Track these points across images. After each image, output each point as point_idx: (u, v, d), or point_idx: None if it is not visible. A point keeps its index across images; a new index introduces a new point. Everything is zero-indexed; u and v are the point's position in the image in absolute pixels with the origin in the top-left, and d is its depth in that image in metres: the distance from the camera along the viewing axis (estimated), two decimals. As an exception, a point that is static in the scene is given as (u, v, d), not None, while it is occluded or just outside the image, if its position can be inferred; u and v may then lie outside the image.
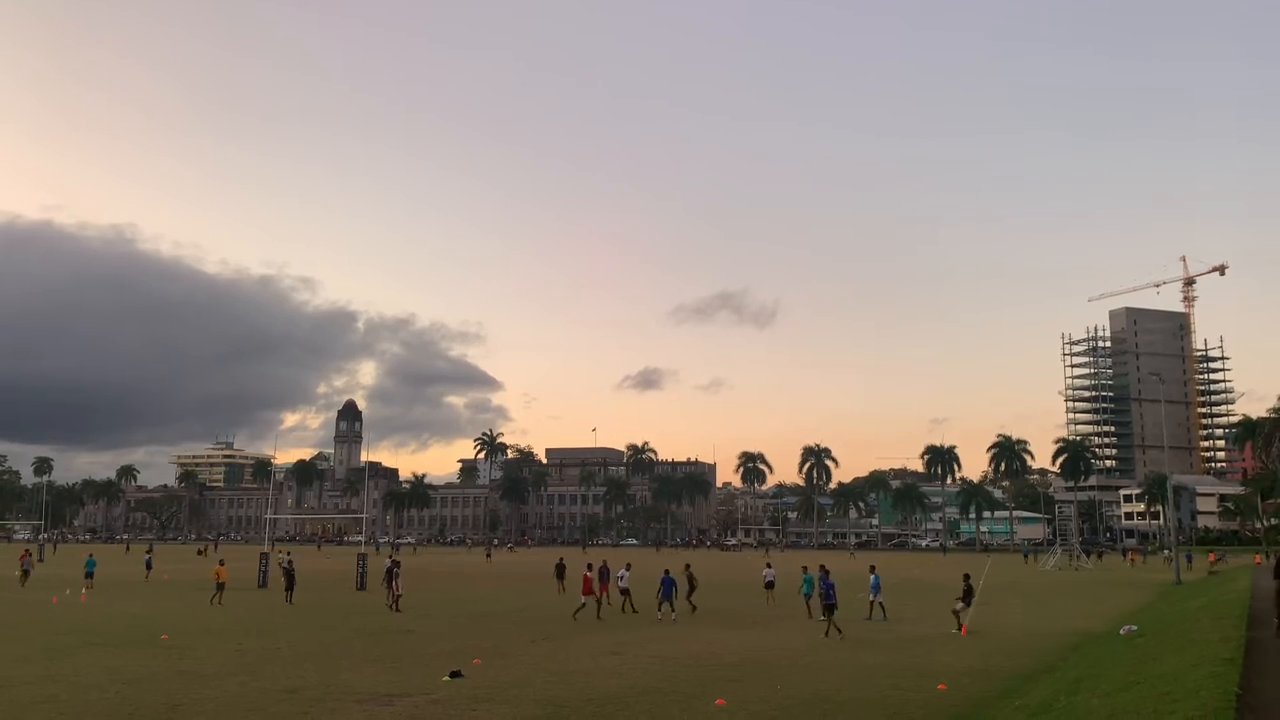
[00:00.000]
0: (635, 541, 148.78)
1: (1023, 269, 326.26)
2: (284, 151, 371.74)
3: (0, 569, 59.10)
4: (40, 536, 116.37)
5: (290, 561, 42.09)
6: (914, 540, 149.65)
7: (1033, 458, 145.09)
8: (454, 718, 14.54)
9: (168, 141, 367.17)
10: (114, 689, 17.04)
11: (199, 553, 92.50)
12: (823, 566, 29.05)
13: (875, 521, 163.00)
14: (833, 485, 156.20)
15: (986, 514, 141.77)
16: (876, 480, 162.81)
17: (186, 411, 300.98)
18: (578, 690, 16.97)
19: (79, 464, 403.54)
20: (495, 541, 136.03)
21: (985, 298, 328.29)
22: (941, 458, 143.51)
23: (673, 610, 29.85)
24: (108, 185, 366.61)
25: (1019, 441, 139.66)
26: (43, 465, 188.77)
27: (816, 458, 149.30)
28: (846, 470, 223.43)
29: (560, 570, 42.09)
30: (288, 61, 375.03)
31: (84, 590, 41.88)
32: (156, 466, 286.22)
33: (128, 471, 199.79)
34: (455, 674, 18.25)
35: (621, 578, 33.28)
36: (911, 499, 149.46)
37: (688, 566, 35.17)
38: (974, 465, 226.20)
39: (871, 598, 31.31)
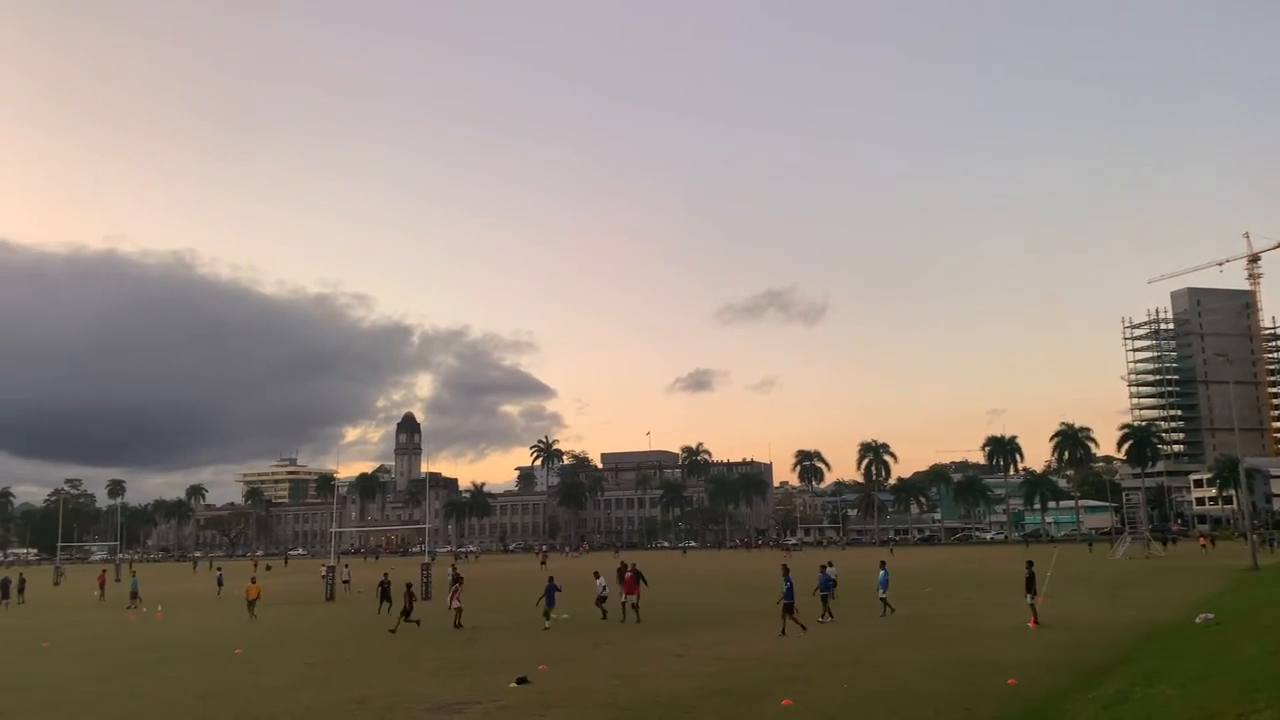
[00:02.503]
0: (695, 544, 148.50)
1: (1078, 253, 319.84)
2: (334, 171, 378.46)
3: (81, 589, 61.04)
4: (117, 557, 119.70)
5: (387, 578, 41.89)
6: (978, 533, 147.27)
7: (1097, 445, 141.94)
8: (522, 723, 14.67)
9: (221, 168, 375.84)
10: (191, 703, 17.50)
11: (267, 568, 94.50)
12: (784, 566, 28.40)
13: (937, 516, 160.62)
14: (892, 481, 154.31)
15: (1051, 504, 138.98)
16: (937, 474, 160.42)
17: (250, 430, 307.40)
18: (643, 693, 17.01)
19: (150, 485, 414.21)
20: (545, 547, 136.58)
21: (1040, 284, 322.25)
22: (1003, 448, 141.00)
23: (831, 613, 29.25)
24: (166, 213, 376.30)
25: (1082, 429, 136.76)
26: (116, 488, 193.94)
27: (874, 453, 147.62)
28: (906, 465, 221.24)
29: (621, 574, 42.12)
30: (333, 83, 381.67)
31: (129, 608, 43.11)
32: (223, 485, 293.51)
33: (196, 491, 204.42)
34: (521, 680, 18.40)
35: (602, 586, 33.30)
36: (974, 491, 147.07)
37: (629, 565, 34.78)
38: (1036, 455, 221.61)
39: (880, 593, 30.91)
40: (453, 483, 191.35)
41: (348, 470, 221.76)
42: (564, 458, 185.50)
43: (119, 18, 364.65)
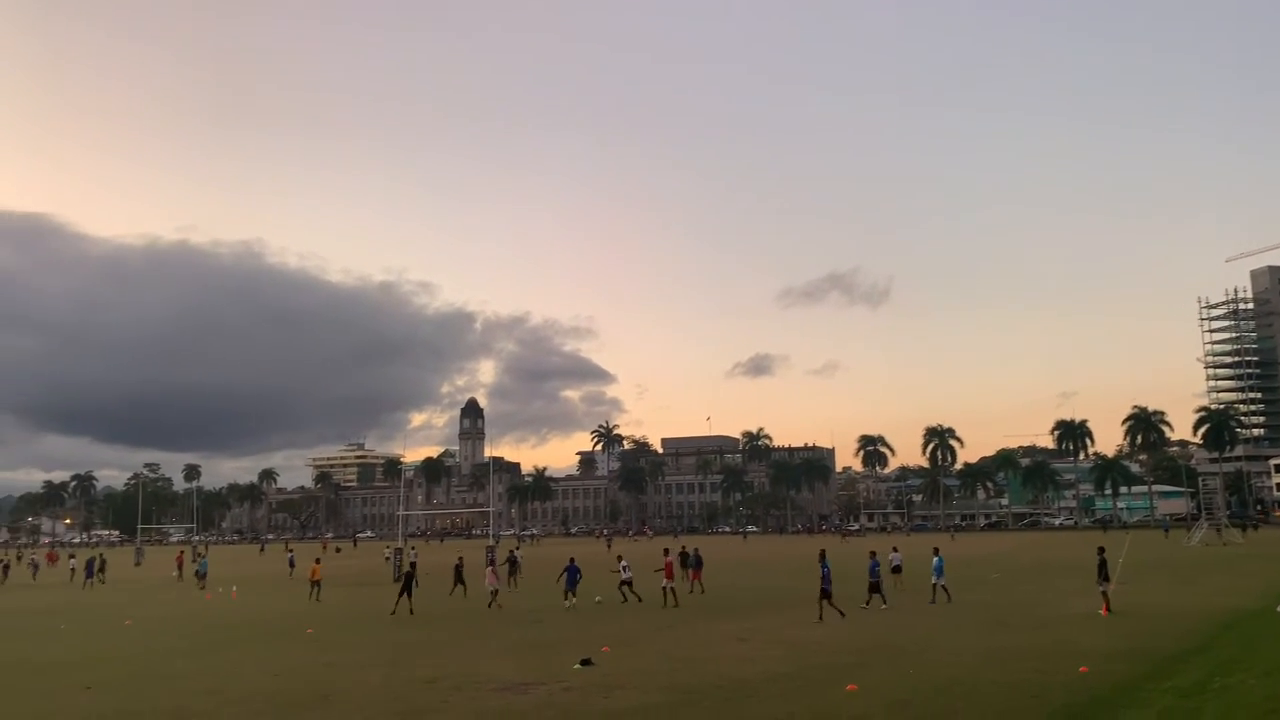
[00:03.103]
0: (756, 529, 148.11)
1: (1151, 232, 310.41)
2: (396, 162, 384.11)
3: (160, 569, 63.17)
4: (193, 539, 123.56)
5: (414, 558, 43.18)
6: (1046, 519, 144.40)
7: (1171, 429, 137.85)
8: (587, 704, 14.82)
9: (287, 160, 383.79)
10: (267, 680, 18.02)
11: (337, 550, 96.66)
12: (821, 552, 28.00)
13: (1005, 501, 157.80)
14: (958, 466, 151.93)
15: (1123, 489, 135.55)
16: (1004, 459, 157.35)
17: (319, 415, 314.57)
18: (707, 677, 17.05)
19: (224, 469, 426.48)
20: (609, 531, 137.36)
21: (1112, 264, 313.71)
22: (1072, 432, 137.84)
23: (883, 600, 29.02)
24: (236, 204, 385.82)
25: (1155, 412, 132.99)
26: (192, 472, 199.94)
27: (940, 438, 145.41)
28: (972, 450, 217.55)
29: (684, 558, 42.24)
30: (396, 80, 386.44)
31: (201, 588, 44.56)
32: (294, 469, 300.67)
33: (268, 475, 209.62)
34: (586, 662, 18.58)
35: (625, 569, 33.57)
36: (1042, 476, 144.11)
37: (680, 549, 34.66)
38: (1107, 439, 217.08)
39: (934, 580, 30.41)
40: (515, 467, 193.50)
41: (414, 455, 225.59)
42: (624, 442, 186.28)
43: (185, 17, 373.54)
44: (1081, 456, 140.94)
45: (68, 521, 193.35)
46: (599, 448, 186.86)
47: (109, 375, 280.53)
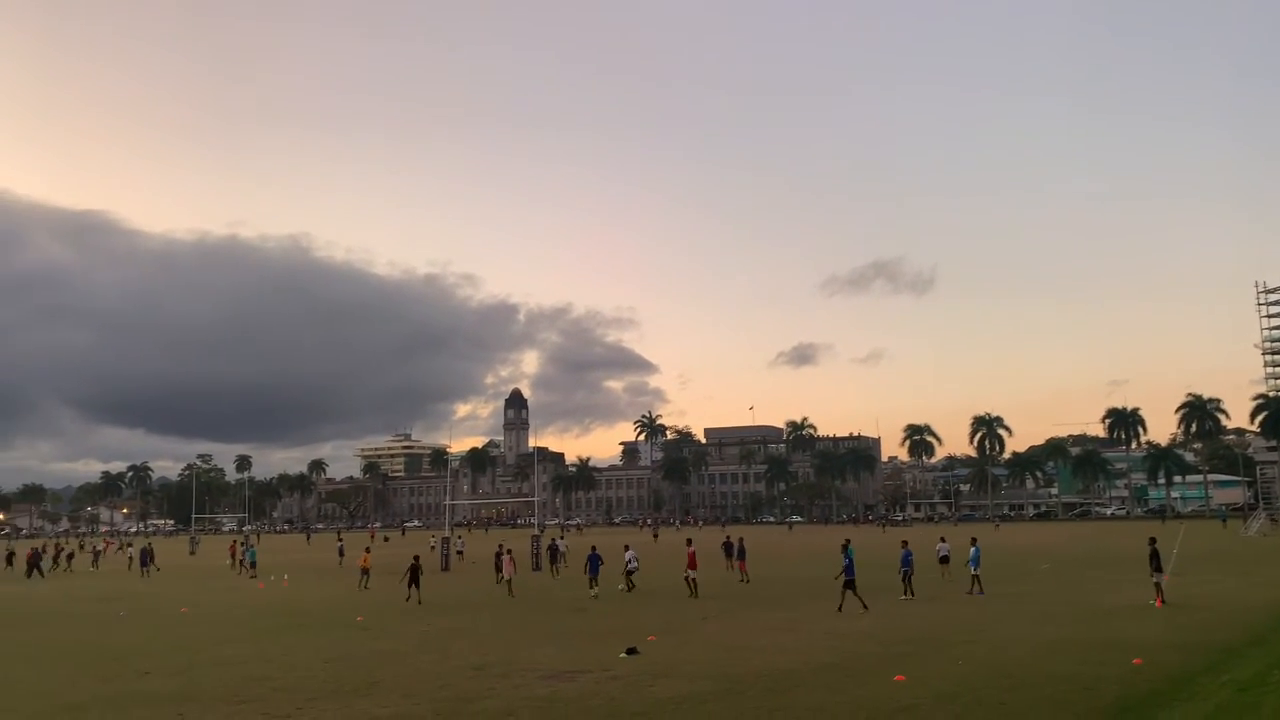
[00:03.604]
0: (800, 519, 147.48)
1: (1205, 215, 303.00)
2: (441, 154, 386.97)
3: (214, 558, 64.50)
4: (245, 528, 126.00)
5: (461, 543, 43.66)
6: (1097, 509, 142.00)
7: (1227, 417, 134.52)
8: (633, 693, 14.89)
9: (332, 155, 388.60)
10: (318, 666, 18.35)
11: (385, 539, 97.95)
12: (846, 541, 28.02)
13: (1054, 491, 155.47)
14: (1007, 455, 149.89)
15: (1177, 478, 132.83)
16: (1054, 447, 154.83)
17: (367, 407, 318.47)
18: (753, 666, 17.04)
19: (274, 460, 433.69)
20: (655, 520, 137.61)
21: (1163, 249, 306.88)
22: (1124, 421, 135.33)
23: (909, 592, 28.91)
24: (283, 199, 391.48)
25: (1211, 400, 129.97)
26: (243, 462, 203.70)
27: (988, 427, 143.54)
28: (1020, 439, 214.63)
29: (729, 549, 42.28)
30: (435, 77, 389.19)
31: (252, 576, 45.45)
32: (343, 459, 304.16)
33: (318, 465, 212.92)
34: (631, 650, 18.66)
35: (632, 560, 34.03)
36: (1093, 465, 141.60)
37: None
38: (1160, 428, 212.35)
39: (972, 570, 30.02)
40: (559, 457, 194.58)
41: (459, 445, 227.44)
42: (667, 432, 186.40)
43: (233, 20, 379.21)
44: (1134, 445, 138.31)
45: (125, 511, 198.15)
46: (642, 438, 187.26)
47: (162, 368, 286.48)
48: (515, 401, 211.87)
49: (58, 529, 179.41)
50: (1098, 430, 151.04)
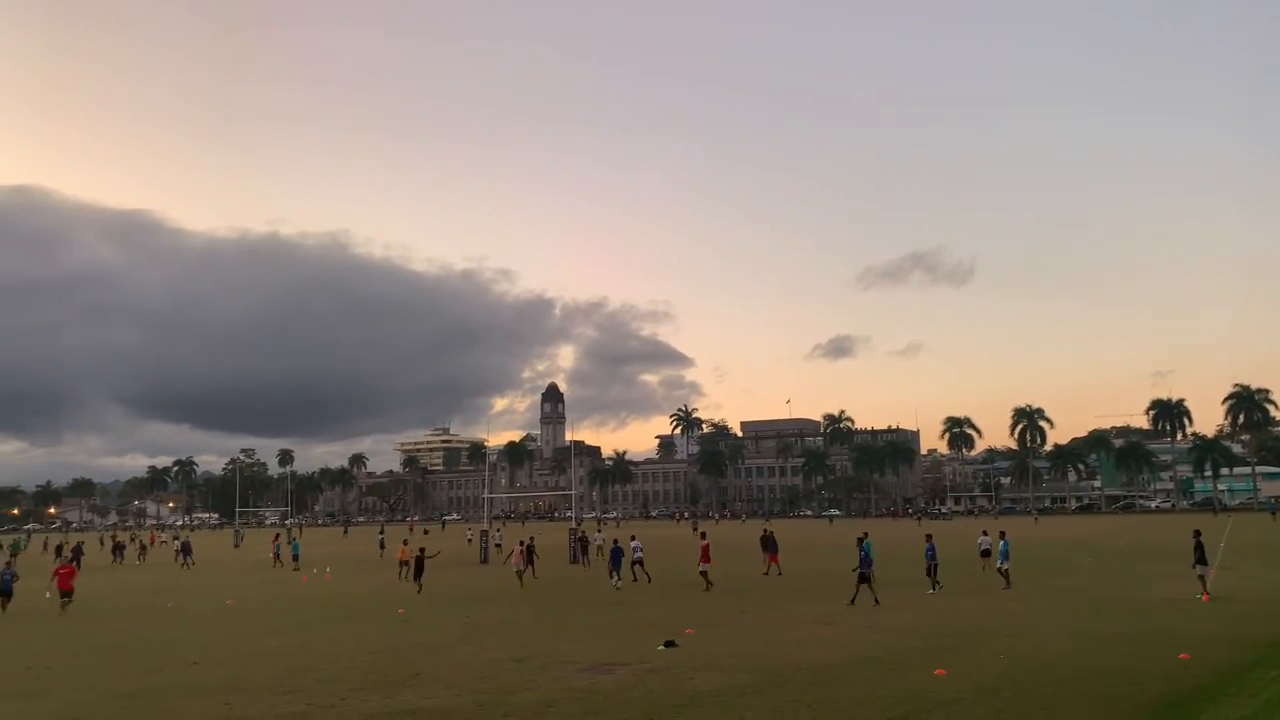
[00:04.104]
0: (838, 512, 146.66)
1: (1249, 200, 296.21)
2: (477, 152, 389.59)
3: (258, 551, 65.49)
4: (287, 522, 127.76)
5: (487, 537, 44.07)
6: (1142, 501, 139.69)
7: (1276, 408, 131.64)
8: (672, 685, 14.92)
9: (372, 152, 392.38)
10: (361, 658, 18.60)
11: (425, 532, 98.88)
12: (865, 533, 28.15)
13: (1097, 483, 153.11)
14: (1048, 447, 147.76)
15: (1224, 471, 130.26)
16: (1097, 439, 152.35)
17: (406, 401, 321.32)
18: (791, 660, 17.01)
19: (316, 454, 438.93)
20: (695, 514, 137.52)
21: (1207, 236, 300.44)
22: (1169, 412, 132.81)
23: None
24: (323, 197, 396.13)
25: (1260, 390, 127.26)
26: (285, 456, 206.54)
27: (1029, 419, 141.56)
28: (1062, 431, 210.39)
29: (764, 542, 42.09)
30: (475, 73, 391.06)
31: (295, 569, 46.08)
32: (383, 453, 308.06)
33: (358, 459, 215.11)
34: (669, 643, 18.69)
35: (637, 549, 34.90)
36: (1137, 457, 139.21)
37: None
38: (1206, 419, 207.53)
39: (1000, 565, 29.68)
40: (595, 451, 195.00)
41: (497, 439, 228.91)
42: (703, 426, 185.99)
43: (272, 19, 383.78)
44: (1179, 437, 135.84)
45: (171, 505, 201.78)
46: (678, 431, 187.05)
47: (206, 364, 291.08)
48: (551, 395, 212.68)
49: (106, 522, 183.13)
50: (1141, 422, 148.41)
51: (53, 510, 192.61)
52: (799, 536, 65.46)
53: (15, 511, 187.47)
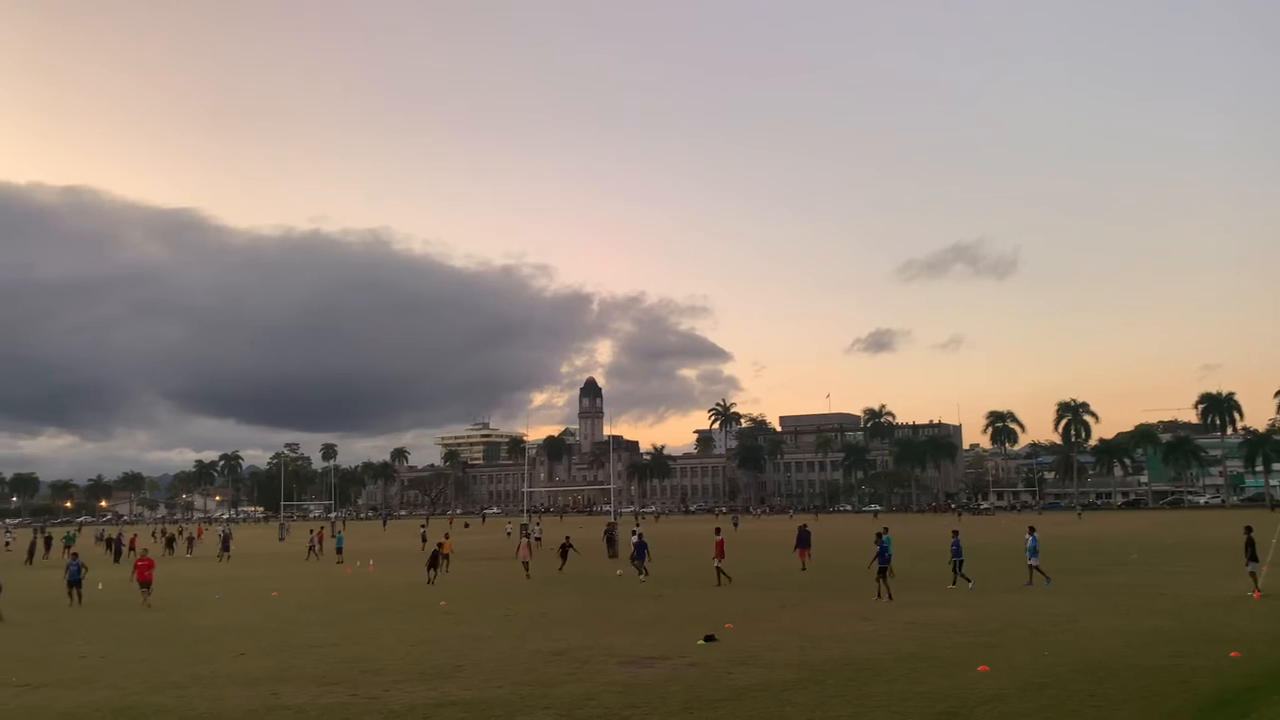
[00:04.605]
0: (879, 507, 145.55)
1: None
2: (516, 150, 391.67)
3: (302, 544, 66.34)
4: (331, 515, 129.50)
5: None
6: (1190, 497, 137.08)
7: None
8: (712, 680, 14.92)
9: (413, 150, 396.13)
10: (403, 649, 18.82)
11: (465, 525, 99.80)
12: (884, 529, 28.18)
13: (1144, 478, 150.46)
14: (1093, 442, 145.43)
15: (1276, 465, 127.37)
16: (1143, 434, 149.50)
17: (446, 396, 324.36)
18: (832, 655, 16.93)
19: (358, 448, 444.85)
20: (736, 509, 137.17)
21: (1258, 226, 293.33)
22: (1219, 406, 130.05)
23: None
24: (364, 195, 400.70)
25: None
26: (329, 451, 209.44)
27: (1073, 413, 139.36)
28: (1108, 425, 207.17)
29: (801, 538, 41.86)
30: (513, 73, 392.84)
31: (338, 562, 46.73)
32: (424, 448, 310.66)
33: (400, 454, 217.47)
34: (709, 638, 18.68)
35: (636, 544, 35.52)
36: (1184, 452, 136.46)
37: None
38: (1258, 413, 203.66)
39: (1029, 561, 29.18)
40: (634, 445, 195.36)
41: (536, 433, 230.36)
42: (742, 420, 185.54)
43: (313, 20, 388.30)
44: (1229, 431, 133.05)
45: (218, 498, 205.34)
46: (716, 426, 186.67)
47: (250, 360, 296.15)
48: (590, 390, 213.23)
49: (155, 516, 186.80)
50: (1190, 416, 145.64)
51: (104, 503, 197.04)
52: (842, 532, 65.04)
53: (68, 504, 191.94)
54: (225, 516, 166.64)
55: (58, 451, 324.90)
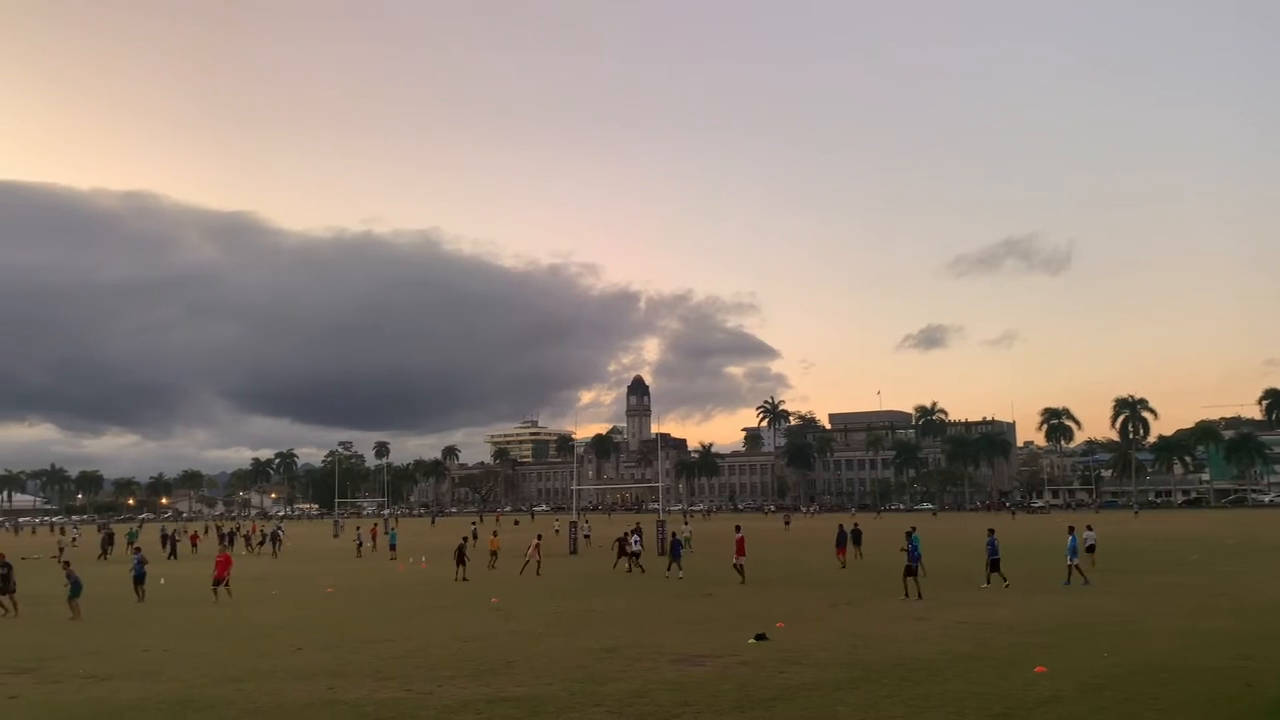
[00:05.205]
0: (930, 506, 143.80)
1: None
2: (563, 150, 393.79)
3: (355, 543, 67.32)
4: (384, 512, 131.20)
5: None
6: (1255, 495, 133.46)
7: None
8: (763, 678, 14.86)
9: (461, 152, 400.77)
10: (457, 645, 19.02)
11: (515, 523, 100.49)
12: (912, 528, 28.10)
13: (1205, 477, 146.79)
14: (1152, 439, 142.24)
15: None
16: (1204, 431, 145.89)
17: (495, 394, 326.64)
18: (885, 655, 16.77)
19: (410, 446, 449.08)
20: (787, 507, 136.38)
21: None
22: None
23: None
24: (415, 197, 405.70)
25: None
26: (382, 449, 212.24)
27: (1131, 410, 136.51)
28: (1167, 422, 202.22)
29: (855, 536, 41.54)
30: (559, 74, 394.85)
31: (392, 558, 47.34)
32: (474, 446, 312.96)
33: (450, 451, 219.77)
34: (760, 637, 18.61)
35: (636, 541, 36.89)
36: (1248, 450, 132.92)
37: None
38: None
39: (1069, 561, 28.67)
40: (681, 443, 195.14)
41: (584, 431, 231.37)
42: (790, 418, 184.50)
43: (364, 24, 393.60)
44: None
45: (274, 496, 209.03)
46: (765, 424, 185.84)
47: (304, 359, 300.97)
48: (637, 388, 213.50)
49: (214, 512, 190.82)
50: (1254, 412, 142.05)
51: (165, 500, 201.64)
52: (895, 530, 64.27)
53: (131, 501, 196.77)
54: (281, 514, 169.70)
55: (120, 450, 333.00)
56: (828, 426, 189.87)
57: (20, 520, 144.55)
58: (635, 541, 37.04)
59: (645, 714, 12.72)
